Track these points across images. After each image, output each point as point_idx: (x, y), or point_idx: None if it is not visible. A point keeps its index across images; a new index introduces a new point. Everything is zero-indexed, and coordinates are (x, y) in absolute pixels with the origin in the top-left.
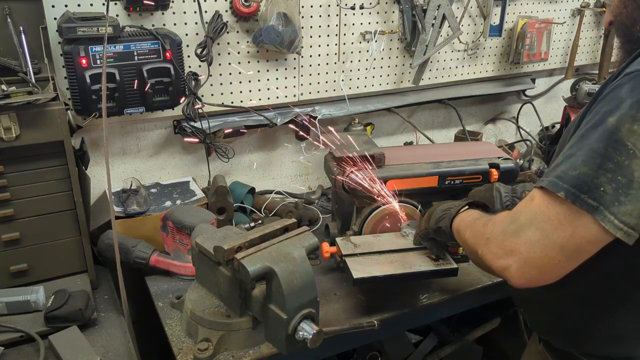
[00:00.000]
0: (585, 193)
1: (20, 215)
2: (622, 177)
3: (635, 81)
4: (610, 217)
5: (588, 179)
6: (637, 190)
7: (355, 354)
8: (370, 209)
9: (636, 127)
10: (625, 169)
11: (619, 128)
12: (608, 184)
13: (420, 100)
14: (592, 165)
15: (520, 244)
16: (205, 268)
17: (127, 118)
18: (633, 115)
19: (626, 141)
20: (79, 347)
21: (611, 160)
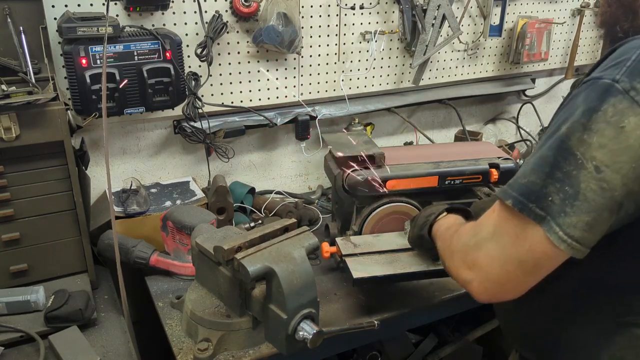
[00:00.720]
0: (533, 202)
1: (20, 215)
2: (570, 188)
3: (590, 89)
4: (556, 229)
5: (536, 188)
6: (583, 202)
7: (355, 354)
8: (370, 209)
9: (586, 136)
10: (573, 179)
11: (569, 137)
12: (556, 193)
13: (420, 100)
14: (540, 174)
15: (481, 258)
16: (205, 268)
17: (127, 118)
18: (584, 124)
19: (575, 150)
20: (79, 347)
21: (560, 170)
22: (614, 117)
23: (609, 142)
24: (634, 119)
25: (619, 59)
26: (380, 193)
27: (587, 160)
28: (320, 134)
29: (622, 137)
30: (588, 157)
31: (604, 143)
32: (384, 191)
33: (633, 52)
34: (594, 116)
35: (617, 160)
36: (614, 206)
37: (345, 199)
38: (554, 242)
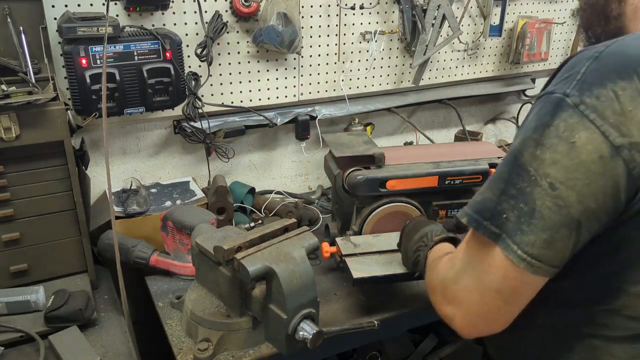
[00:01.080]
0: (488, 220)
1: (20, 215)
2: (524, 205)
3: (543, 103)
4: (514, 247)
5: (491, 205)
6: (539, 220)
7: (355, 354)
8: (370, 209)
9: (539, 152)
10: (527, 196)
11: (522, 152)
12: (511, 211)
13: (420, 100)
14: (495, 190)
15: (459, 292)
16: (205, 268)
17: (127, 118)
18: (536, 140)
19: (528, 166)
20: (79, 347)
21: (513, 186)
22: (565, 133)
23: (562, 158)
24: (585, 134)
25: (570, 71)
26: (381, 193)
27: (541, 177)
28: (320, 134)
29: (574, 152)
30: (542, 174)
31: (556, 159)
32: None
33: (582, 65)
34: (546, 131)
35: (570, 177)
36: (571, 223)
37: (345, 199)
38: (513, 260)
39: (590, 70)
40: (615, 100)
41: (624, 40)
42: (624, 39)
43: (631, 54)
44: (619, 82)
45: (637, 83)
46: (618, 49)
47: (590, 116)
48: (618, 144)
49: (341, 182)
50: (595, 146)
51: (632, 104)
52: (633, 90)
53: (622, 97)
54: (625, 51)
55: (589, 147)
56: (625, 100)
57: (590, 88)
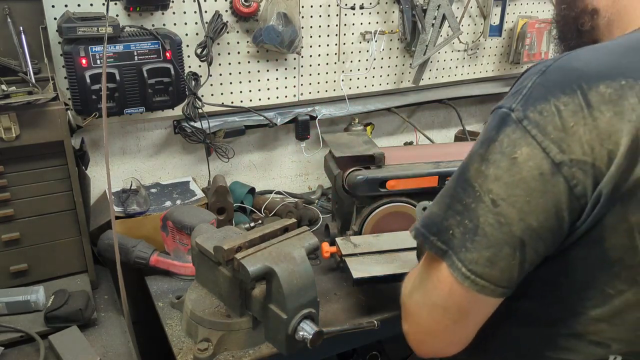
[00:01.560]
0: (435, 235)
1: (20, 215)
2: (469, 221)
3: (491, 118)
4: (458, 264)
5: (438, 220)
6: (482, 237)
7: (355, 354)
8: (370, 209)
9: (484, 167)
10: (471, 212)
11: (468, 167)
12: (457, 226)
13: (420, 100)
14: (442, 205)
15: (411, 307)
16: (205, 268)
17: (127, 118)
18: (481, 155)
19: (473, 182)
20: (79, 347)
21: (459, 202)
22: (508, 148)
23: (504, 174)
24: (526, 150)
25: (519, 86)
26: (381, 193)
27: (485, 193)
28: (320, 134)
29: (515, 168)
30: (485, 190)
31: (499, 175)
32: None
33: (530, 79)
34: (491, 146)
35: (511, 194)
36: (514, 241)
37: (345, 199)
38: (457, 278)
39: (536, 84)
40: (556, 116)
41: (576, 53)
42: (576, 52)
43: (577, 67)
44: (562, 96)
45: (580, 98)
46: (565, 62)
47: (532, 132)
48: (558, 160)
49: (341, 182)
50: (536, 162)
51: (574, 119)
52: (575, 105)
53: (564, 112)
54: (573, 64)
55: (530, 163)
56: (566, 116)
57: (534, 103)
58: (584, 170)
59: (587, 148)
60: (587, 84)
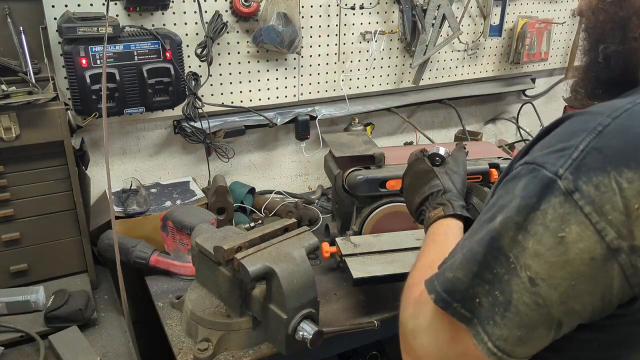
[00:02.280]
0: (459, 302)
1: (20, 215)
2: (500, 294)
3: (530, 177)
4: (484, 337)
5: (462, 287)
6: (515, 315)
7: (355, 354)
8: (370, 209)
9: (521, 237)
10: (504, 284)
11: (502, 234)
12: (485, 296)
13: (420, 100)
14: (467, 272)
15: (417, 347)
16: (205, 268)
17: (127, 118)
18: (518, 223)
19: (508, 252)
20: (79, 347)
21: (489, 270)
22: (553, 223)
23: (547, 251)
24: (576, 229)
25: (566, 142)
26: (381, 193)
27: (521, 268)
28: (320, 134)
29: (561, 248)
30: (522, 264)
31: (540, 252)
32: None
33: (581, 139)
34: (531, 215)
35: (554, 275)
36: (551, 323)
37: (345, 199)
38: (482, 351)
39: (591, 149)
40: (617, 194)
41: (636, 112)
42: (636, 110)
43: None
44: (625, 171)
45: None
46: (628, 124)
47: (585, 209)
48: (615, 246)
49: (341, 182)
50: (588, 245)
51: (639, 200)
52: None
53: (628, 191)
54: (636, 130)
55: (580, 245)
56: (630, 196)
57: (588, 173)
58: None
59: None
60: None
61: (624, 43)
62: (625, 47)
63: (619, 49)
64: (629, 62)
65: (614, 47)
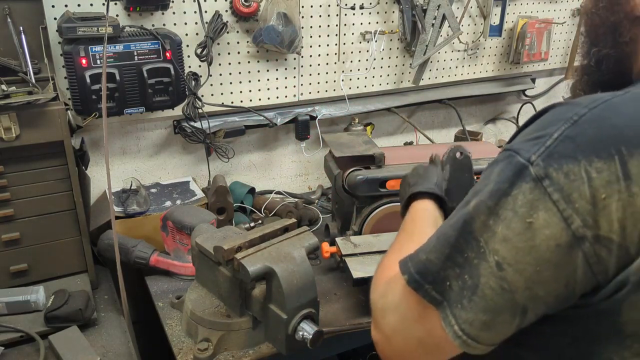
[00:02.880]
0: (430, 283)
1: (20, 215)
2: (469, 278)
3: (506, 162)
4: (452, 320)
5: (434, 269)
6: (481, 299)
7: (355, 354)
8: (370, 209)
9: (491, 222)
10: (473, 268)
11: (474, 218)
12: (455, 279)
13: (420, 100)
14: (440, 254)
15: (384, 325)
16: (205, 268)
17: (127, 118)
18: (490, 207)
19: (479, 236)
20: (79, 347)
21: (460, 254)
22: (522, 209)
23: (514, 237)
24: (544, 215)
25: (542, 130)
26: (381, 193)
27: (490, 253)
28: (320, 134)
29: (529, 234)
30: (491, 249)
31: (508, 237)
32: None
33: (557, 127)
34: (502, 201)
35: (520, 260)
36: (515, 308)
37: (345, 199)
38: (448, 334)
39: (564, 137)
40: (586, 183)
41: (614, 102)
42: (619, 101)
43: (618, 125)
44: (595, 160)
45: (618, 166)
46: (603, 115)
47: (554, 196)
48: (580, 234)
49: (341, 182)
50: (554, 232)
51: (606, 190)
52: (611, 174)
53: (596, 180)
54: (613, 121)
55: (546, 231)
56: (598, 185)
57: (559, 160)
58: (609, 248)
59: (617, 227)
60: (628, 149)
61: (615, 47)
62: (616, 51)
63: (610, 52)
64: (620, 65)
65: (605, 51)
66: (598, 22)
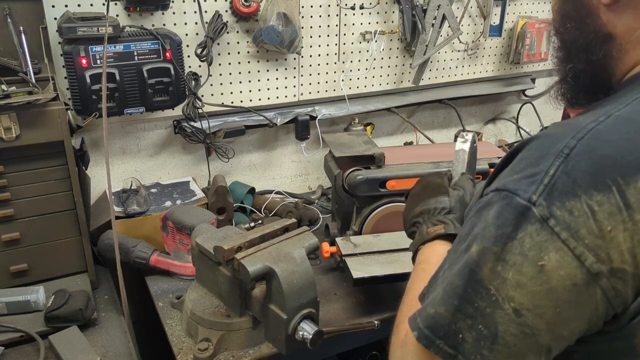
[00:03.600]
0: (441, 338)
1: (20, 215)
2: (484, 328)
3: (503, 204)
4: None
5: (444, 322)
6: (503, 347)
7: (355, 354)
8: (370, 209)
9: (499, 268)
10: (487, 318)
11: (481, 266)
12: (468, 331)
13: (420, 100)
14: (449, 306)
15: None
16: (205, 268)
17: (127, 118)
18: (496, 253)
19: (488, 284)
20: (79, 347)
21: (470, 304)
22: (532, 252)
23: (528, 281)
24: (555, 256)
25: (535, 167)
26: (381, 193)
27: (504, 300)
28: (320, 134)
29: (543, 277)
30: (504, 296)
31: (522, 282)
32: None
33: (550, 162)
34: (508, 245)
35: (539, 304)
36: (540, 350)
37: (345, 199)
38: None
39: (560, 173)
40: (590, 218)
41: (599, 130)
42: (599, 129)
43: (609, 155)
44: (594, 194)
45: (617, 197)
46: (593, 146)
47: (562, 235)
48: (595, 270)
49: (341, 182)
50: (568, 272)
51: (611, 222)
52: (612, 206)
53: (599, 213)
54: (603, 151)
55: (561, 272)
56: (602, 218)
57: (561, 198)
58: (624, 280)
59: (628, 256)
60: (624, 178)
61: (590, 63)
62: (592, 67)
63: (586, 67)
64: (597, 77)
65: (580, 66)
66: (568, 40)
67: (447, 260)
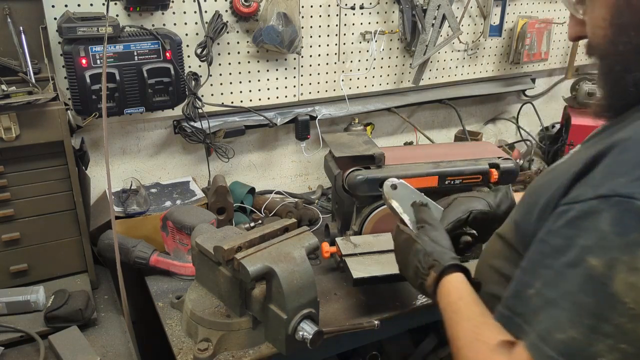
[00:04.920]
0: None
1: (20, 215)
2: (629, 346)
3: (621, 211)
4: None
5: (581, 346)
6: None
7: (355, 354)
8: (370, 209)
9: (635, 278)
10: (630, 334)
11: (612, 278)
12: (609, 352)
13: (420, 100)
14: (581, 328)
15: None
16: (205, 268)
17: (127, 118)
18: (628, 263)
19: (624, 297)
20: (79, 347)
21: (608, 322)
22: None
23: None
24: None
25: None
26: (380, 193)
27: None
28: (320, 134)
29: None
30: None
31: None
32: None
33: None
34: (639, 252)
35: None
36: None
37: (345, 199)
38: None
39: None
40: None
41: None
42: None
43: None
44: None
45: None
46: None
47: None
48: None
49: (341, 182)
50: None
51: None
52: None
53: None
54: None
55: None
56: None
57: None
58: None
59: None
60: None
61: None
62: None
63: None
64: None
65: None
66: (628, 49)
67: (536, 278)
